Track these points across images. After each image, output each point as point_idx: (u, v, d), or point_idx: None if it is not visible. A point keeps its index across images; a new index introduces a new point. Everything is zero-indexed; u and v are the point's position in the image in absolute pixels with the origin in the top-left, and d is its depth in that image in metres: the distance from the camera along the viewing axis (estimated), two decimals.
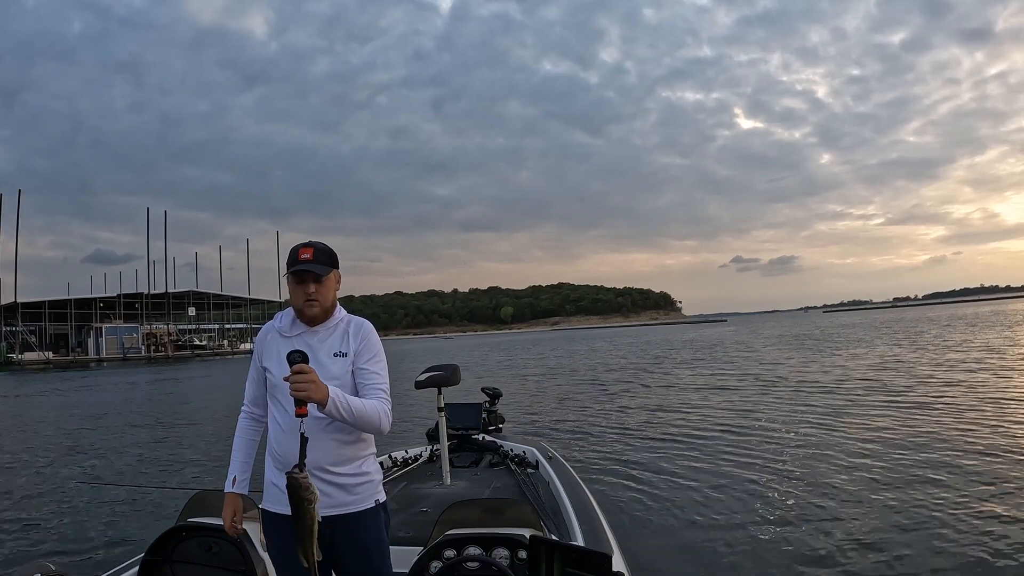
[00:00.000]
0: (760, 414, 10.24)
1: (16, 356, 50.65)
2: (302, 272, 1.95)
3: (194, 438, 10.91)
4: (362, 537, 1.95)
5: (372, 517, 1.98)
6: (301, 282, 1.96)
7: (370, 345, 2.03)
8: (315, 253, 1.96)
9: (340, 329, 2.03)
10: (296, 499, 1.69)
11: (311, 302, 1.96)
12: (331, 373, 1.93)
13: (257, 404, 2.10)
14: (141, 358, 55.06)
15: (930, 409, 9.58)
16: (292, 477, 1.70)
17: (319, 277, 1.96)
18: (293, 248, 2.00)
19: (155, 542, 2.30)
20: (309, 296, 1.96)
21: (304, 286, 1.95)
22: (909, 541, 4.38)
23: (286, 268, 1.98)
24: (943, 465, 6.29)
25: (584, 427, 10.14)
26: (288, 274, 1.98)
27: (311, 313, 1.98)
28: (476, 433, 4.83)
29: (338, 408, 1.78)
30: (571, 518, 3.00)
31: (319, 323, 2.01)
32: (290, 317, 2.04)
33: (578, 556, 1.78)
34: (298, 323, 2.02)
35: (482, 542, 2.09)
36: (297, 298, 1.98)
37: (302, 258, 1.95)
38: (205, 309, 70.11)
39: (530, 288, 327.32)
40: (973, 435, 7.59)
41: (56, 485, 7.35)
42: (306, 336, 1.99)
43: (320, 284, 1.96)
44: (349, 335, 2.02)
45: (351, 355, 1.99)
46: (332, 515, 1.90)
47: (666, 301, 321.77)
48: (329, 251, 2.02)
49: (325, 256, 1.99)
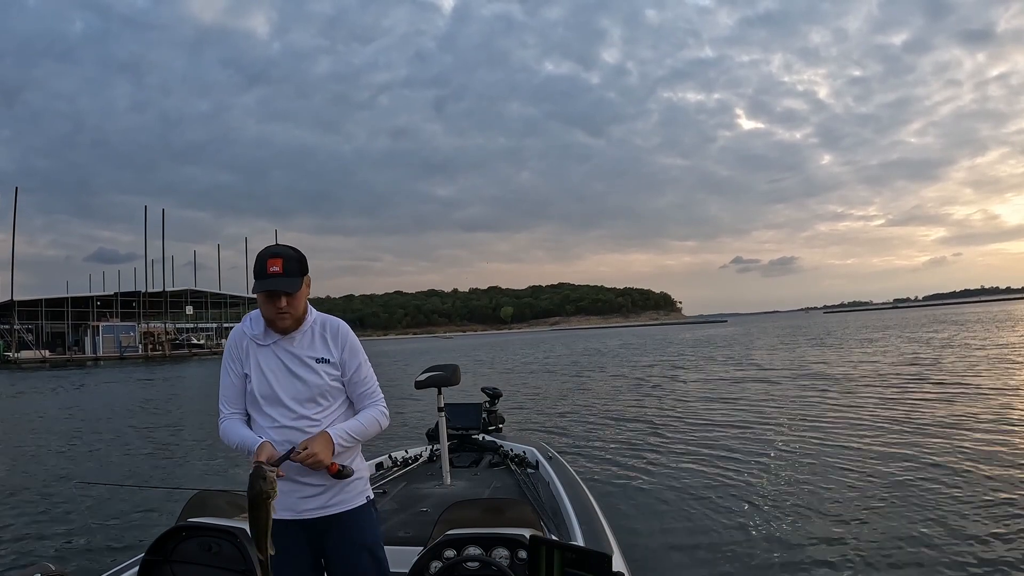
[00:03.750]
0: (761, 414, 10.24)
1: (12, 354, 50.57)
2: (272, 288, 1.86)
3: (193, 438, 10.89)
4: (356, 535, 1.96)
5: (364, 513, 1.99)
6: (271, 296, 1.87)
7: (353, 351, 2.01)
8: (284, 263, 1.86)
9: (316, 332, 1.99)
10: (257, 491, 1.65)
11: (283, 315, 1.89)
12: (316, 382, 1.93)
13: (238, 406, 1.99)
14: (138, 357, 54.94)
15: (937, 408, 9.59)
16: (261, 468, 1.68)
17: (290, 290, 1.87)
18: (260, 256, 1.87)
19: (155, 542, 2.29)
20: (280, 310, 1.88)
21: (275, 301, 1.87)
22: (910, 542, 4.38)
23: (254, 277, 1.88)
24: (951, 467, 6.26)
25: (584, 427, 10.14)
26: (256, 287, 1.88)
27: (283, 326, 1.93)
28: (476, 433, 4.83)
29: (344, 446, 1.88)
30: (571, 518, 3.00)
31: (292, 331, 1.97)
32: (262, 323, 1.97)
33: (578, 556, 1.78)
34: (270, 331, 1.96)
35: (482, 542, 2.09)
36: (267, 311, 1.90)
37: (271, 272, 1.84)
38: (203, 308, 70.04)
39: (530, 288, 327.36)
40: (989, 435, 7.58)
41: (56, 485, 7.33)
42: (283, 343, 1.95)
43: (292, 297, 1.88)
44: (328, 339, 1.98)
45: (335, 361, 1.97)
46: (325, 515, 1.91)
47: (666, 301, 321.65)
48: (299, 256, 1.92)
49: (295, 264, 1.89)
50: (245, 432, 1.93)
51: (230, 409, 1.98)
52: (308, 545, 1.95)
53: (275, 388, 1.93)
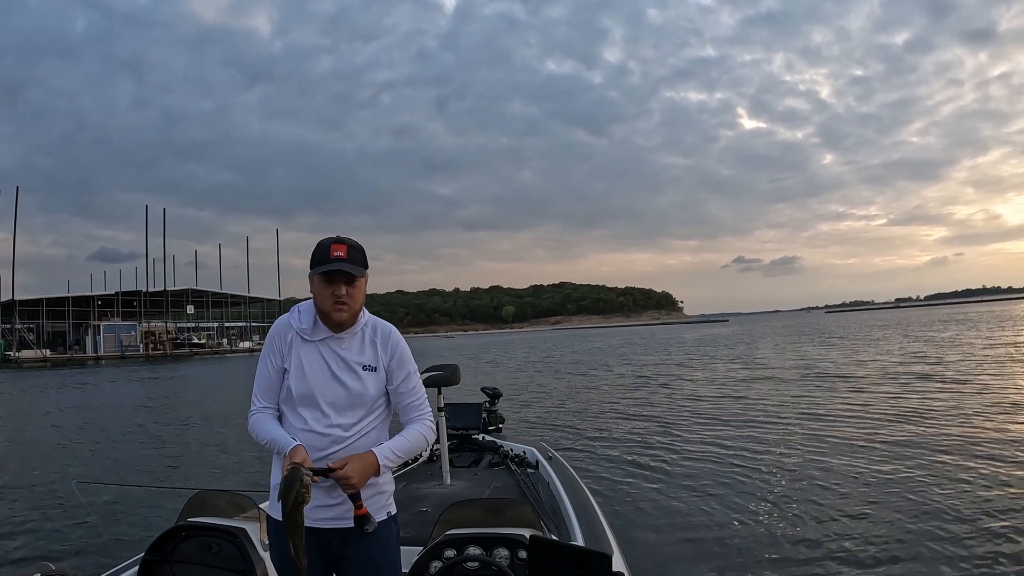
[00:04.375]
0: (762, 413, 10.23)
1: (13, 354, 50.64)
2: (333, 272, 1.76)
3: (193, 438, 10.91)
4: (374, 550, 1.85)
5: (384, 529, 1.86)
6: (331, 283, 1.76)
7: (402, 361, 1.89)
8: (349, 251, 1.77)
9: (366, 336, 1.87)
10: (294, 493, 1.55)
11: (340, 305, 1.77)
12: (358, 389, 1.82)
13: (272, 401, 1.85)
14: (139, 356, 55.00)
15: (945, 405, 9.58)
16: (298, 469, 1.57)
17: (352, 279, 1.78)
18: (322, 243, 1.79)
19: (155, 542, 2.29)
20: (339, 299, 1.76)
21: (334, 287, 1.76)
22: (912, 543, 4.37)
23: (312, 265, 1.78)
24: (955, 466, 6.26)
25: (584, 427, 10.14)
26: (315, 273, 1.77)
27: (339, 318, 1.80)
28: (476, 433, 4.83)
29: (389, 466, 1.80)
30: (571, 518, 3.00)
31: (345, 328, 1.84)
32: (311, 317, 1.85)
33: (578, 556, 1.78)
34: (320, 326, 1.83)
35: (482, 542, 2.08)
36: (324, 300, 1.78)
37: (334, 255, 1.75)
38: (204, 307, 70.14)
39: (532, 287, 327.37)
40: (994, 435, 7.58)
41: (56, 485, 7.33)
42: (331, 343, 1.83)
43: (352, 286, 1.78)
44: (377, 345, 1.87)
45: (381, 370, 1.85)
46: (342, 528, 1.80)
47: (668, 301, 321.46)
48: (362, 248, 1.83)
49: (359, 254, 1.80)
50: (277, 430, 1.79)
51: (263, 403, 1.85)
52: (321, 555, 1.81)
53: (314, 389, 1.80)
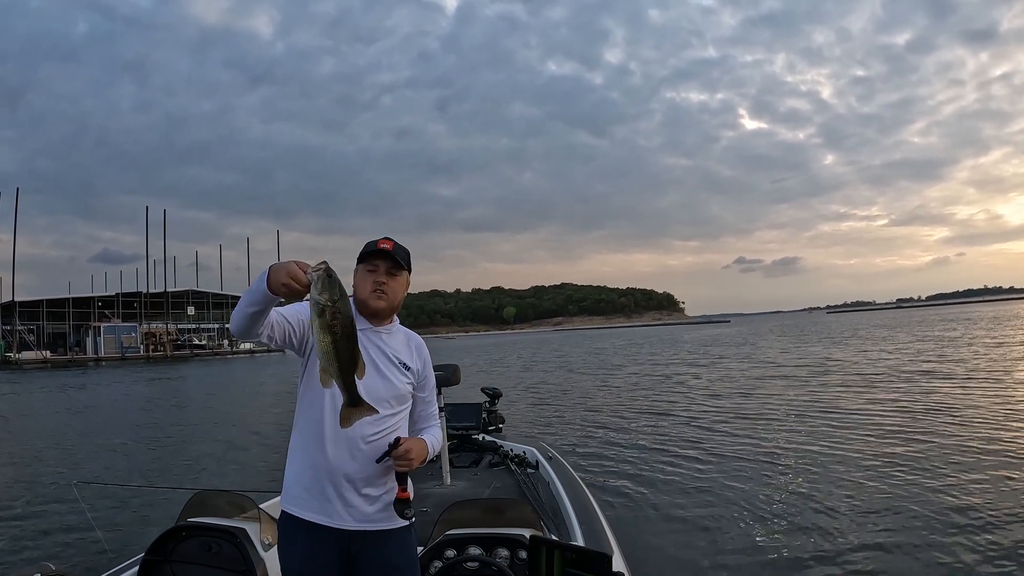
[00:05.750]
0: (764, 413, 10.22)
1: (14, 355, 50.69)
2: (378, 257, 1.86)
3: (193, 438, 10.92)
4: (392, 555, 1.82)
5: (404, 535, 1.85)
6: (373, 269, 1.87)
7: (428, 366, 1.99)
8: (395, 246, 1.88)
9: (401, 338, 1.95)
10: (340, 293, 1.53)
11: (380, 292, 1.85)
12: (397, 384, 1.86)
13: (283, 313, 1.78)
14: (139, 357, 55.07)
15: (953, 404, 9.58)
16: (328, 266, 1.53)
17: (394, 269, 1.88)
18: (370, 241, 1.91)
19: (155, 542, 2.30)
20: (379, 285, 1.85)
21: (376, 273, 1.86)
22: (913, 544, 4.37)
23: (359, 260, 1.89)
24: (956, 466, 6.24)
25: (584, 427, 10.14)
26: (359, 264, 1.89)
27: (376, 306, 1.86)
28: (476, 433, 4.83)
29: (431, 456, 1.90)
30: (571, 518, 3.00)
31: (383, 321, 1.91)
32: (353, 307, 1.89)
33: (578, 556, 1.78)
34: (359, 317, 1.85)
35: (482, 542, 2.09)
36: (364, 286, 1.86)
37: (380, 246, 1.86)
38: (205, 308, 70.16)
39: (533, 288, 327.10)
40: (994, 435, 7.58)
41: (56, 485, 7.33)
42: (371, 334, 1.86)
43: (393, 278, 1.88)
44: (413, 350, 1.95)
45: (413, 375, 1.92)
46: (362, 530, 1.78)
47: (669, 302, 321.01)
48: (408, 252, 1.93)
49: (405, 253, 1.91)
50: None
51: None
52: (337, 557, 1.78)
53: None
